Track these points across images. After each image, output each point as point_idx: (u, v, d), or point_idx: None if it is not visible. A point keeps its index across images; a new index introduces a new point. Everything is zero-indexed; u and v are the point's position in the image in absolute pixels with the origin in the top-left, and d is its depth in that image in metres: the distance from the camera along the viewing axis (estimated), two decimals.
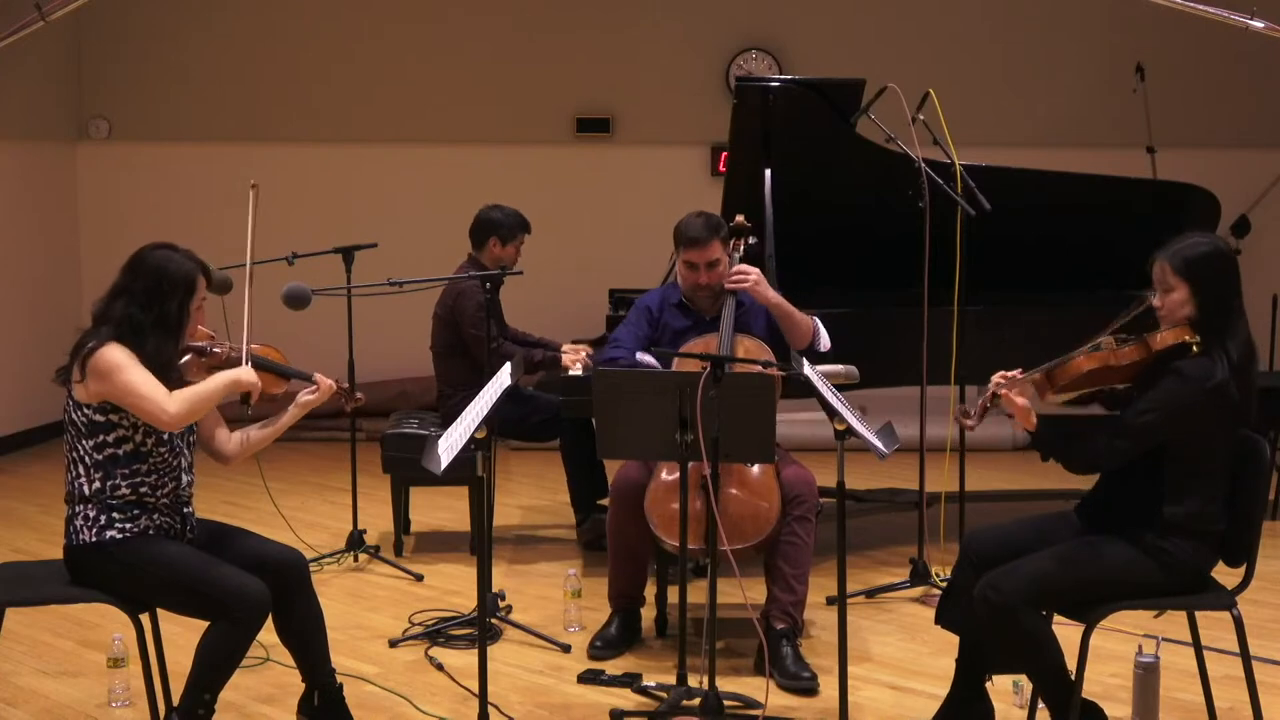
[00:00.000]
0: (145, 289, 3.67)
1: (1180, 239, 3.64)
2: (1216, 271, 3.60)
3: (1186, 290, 3.56)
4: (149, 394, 3.55)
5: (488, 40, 8.78)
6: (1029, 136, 8.51)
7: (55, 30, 7.03)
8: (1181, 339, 3.54)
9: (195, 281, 3.73)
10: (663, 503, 4.48)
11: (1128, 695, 4.10)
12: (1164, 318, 3.62)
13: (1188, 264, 3.57)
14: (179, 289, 3.69)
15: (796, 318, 4.81)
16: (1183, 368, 3.51)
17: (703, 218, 4.83)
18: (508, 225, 5.92)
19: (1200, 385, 3.48)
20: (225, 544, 3.78)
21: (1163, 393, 3.50)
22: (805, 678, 4.33)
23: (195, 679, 3.59)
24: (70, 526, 3.66)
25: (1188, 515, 3.53)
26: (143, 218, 8.64)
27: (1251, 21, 5.73)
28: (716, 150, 8.56)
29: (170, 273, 3.69)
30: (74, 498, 3.66)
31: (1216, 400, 3.49)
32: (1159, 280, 3.62)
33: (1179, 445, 3.53)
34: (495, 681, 4.25)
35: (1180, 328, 3.55)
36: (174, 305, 3.68)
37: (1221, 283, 3.60)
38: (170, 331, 3.69)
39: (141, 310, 3.65)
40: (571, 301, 7.64)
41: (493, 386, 3.89)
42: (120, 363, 3.56)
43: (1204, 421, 3.51)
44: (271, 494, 5.65)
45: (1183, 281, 3.57)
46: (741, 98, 5.68)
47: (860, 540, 5.99)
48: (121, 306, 3.66)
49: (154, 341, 3.64)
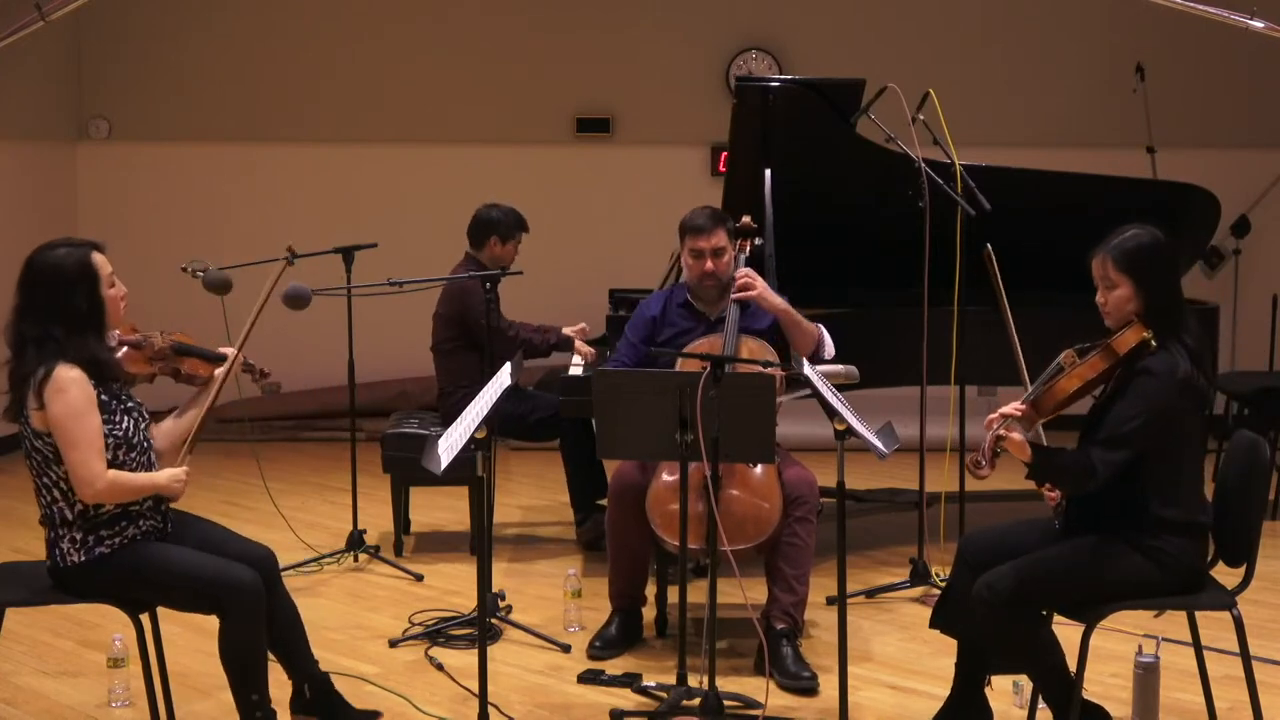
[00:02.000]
0: (44, 297, 3.49)
1: (1117, 233, 3.62)
2: (1158, 263, 3.59)
3: (1130, 285, 3.55)
4: (87, 458, 3.44)
5: (488, 40, 8.78)
6: (1029, 136, 8.51)
7: (55, 30, 7.03)
8: (1141, 337, 3.52)
9: (90, 265, 3.52)
10: (665, 503, 4.48)
11: (1128, 695, 4.10)
12: (1108, 314, 3.61)
13: (1129, 257, 3.56)
14: (78, 281, 3.50)
15: (803, 325, 4.82)
16: (1150, 366, 3.50)
17: (707, 209, 4.89)
18: (506, 224, 5.94)
19: (1171, 380, 3.47)
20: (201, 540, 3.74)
21: (1139, 396, 3.49)
22: (805, 677, 4.33)
23: (236, 687, 3.60)
24: (54, 550, 3.59)
25: (1173, 509, 3.53)
26: (143, 218, 8.66)
27: (1251, 21, 5.73)
28: (716, 150, 8.55)
29: (62, 269, 3.50)
30: (54, 522, 3.57)
31: (1186, 393, 3.50)
32: (1100, 276, 3.61)
33: (1159, 443, 3.52)
34: (495, 681, 4.25)
35: (1135, 326, 3.54)
36: (80, 299, 3.50)
37: (1164, 273, 3.59)
38: (86, 327, 3.51)
39: (50, 322, 3.47)
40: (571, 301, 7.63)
41: (493, 386, 3.89)
42: (75, 410, 3.42)
43: (1178, 416, 3.51)
44: (271, 494, 5.65)
45: (1125, 276, 3.56)
46: (741, 98, 5.69)
47: (860, 540, 5.99)
48: (30, 327, 3.49)
49: (76, 348, 3.48)
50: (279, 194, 8.74)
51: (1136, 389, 3.50)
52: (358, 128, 8.81)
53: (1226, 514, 3.66)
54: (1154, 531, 3.53)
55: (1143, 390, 3.49)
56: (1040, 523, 3.82)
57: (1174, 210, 5.96)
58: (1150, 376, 3.49)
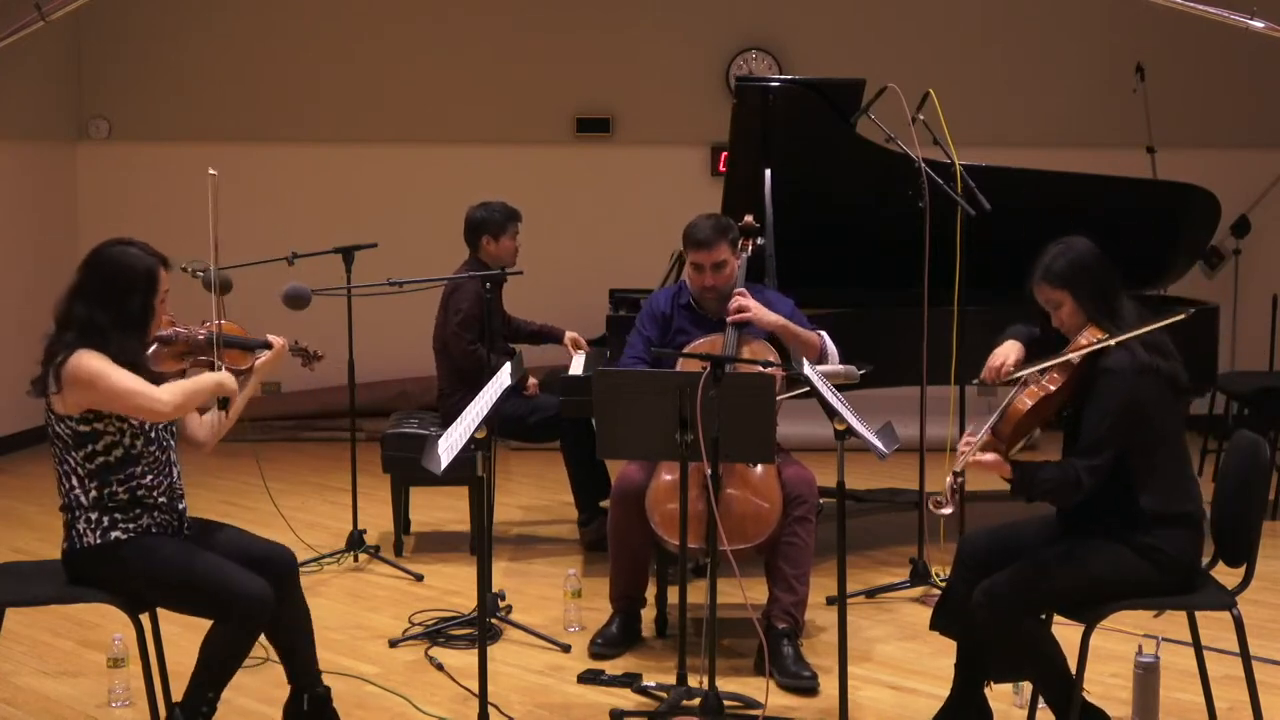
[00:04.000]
0: (103, 289, 3.57)
1: (1041, 257, 3.70)
2: (1086, 268, 3.65)
3: (1070, 298, 3.63)
4: (140, 389, 3.49)
5: (488, 40, 8.78)
6: (1029, 136, 8.51)
7: (55, 30, 7.03)
8: (1094, 339, 3.56)
9: (156, 275, 3.62)
10: (665, 502, 4.48)
11: (1128, 695, 4.10)
12: (1068, 331, 3.67)
13: (1058, 275, 3.65)
14: (139, 285, 3.59)
15: (802, 336, 4.81)
16: (1108, 364, 3.54)
17: (711, 220, 4.84)
18: (494, 220, 5.91)
19: (1131, 373, 3.50)
20: (217, 540, 3.75)
21: (1104, 397, 3.52)
22: (806, 677, 4.33)
23: (199, 677, 3.58)
24: (71, 531, 3.62)
25: (1162, 501, 3.54)
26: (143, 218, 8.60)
27: (1251, 21, 5.73)
28: (716, 150, 8.55)
29: (129, 269, 3.58)
30: (72, 506, 3.62)
31: (1149, 379, 3.52)
32: (1046, 301, 3.69)
33: (1137, 437, 3.53)
34: (495, 681, 4.25)
35: (1088, 329, 3.59)
36: (136, 302, 3.58)
37: (1096, 276, 3.65)
38: (133, 330, 3.59)
39: (102, 311, 3.55)
40: (571, 301, 7.63)
41: (493, 386, 3.89)
42: (99, 370, 3.48)
43: (1148, 406, 3.53)
44: (271, 494, 5.65)
45: (1063, 291, 3.64)
46: (741, 98, 5.69)
47: (860, 540, 5.99)
48: (81, 309, 3.56)
49: (117, 342, 3.54)
50: (279, 194, 8.74)
51: (1101, 390, 3.54)
52: (358, 128, 8.81)
53: (1226, 514, 3.67)
54: (1147, 527, 3.54)
55: (1109, 388, 3.52)
56: (1038, 523, 3.82)
57: (1174, 210, 5.97)
58: (1111, 374, 3.53)
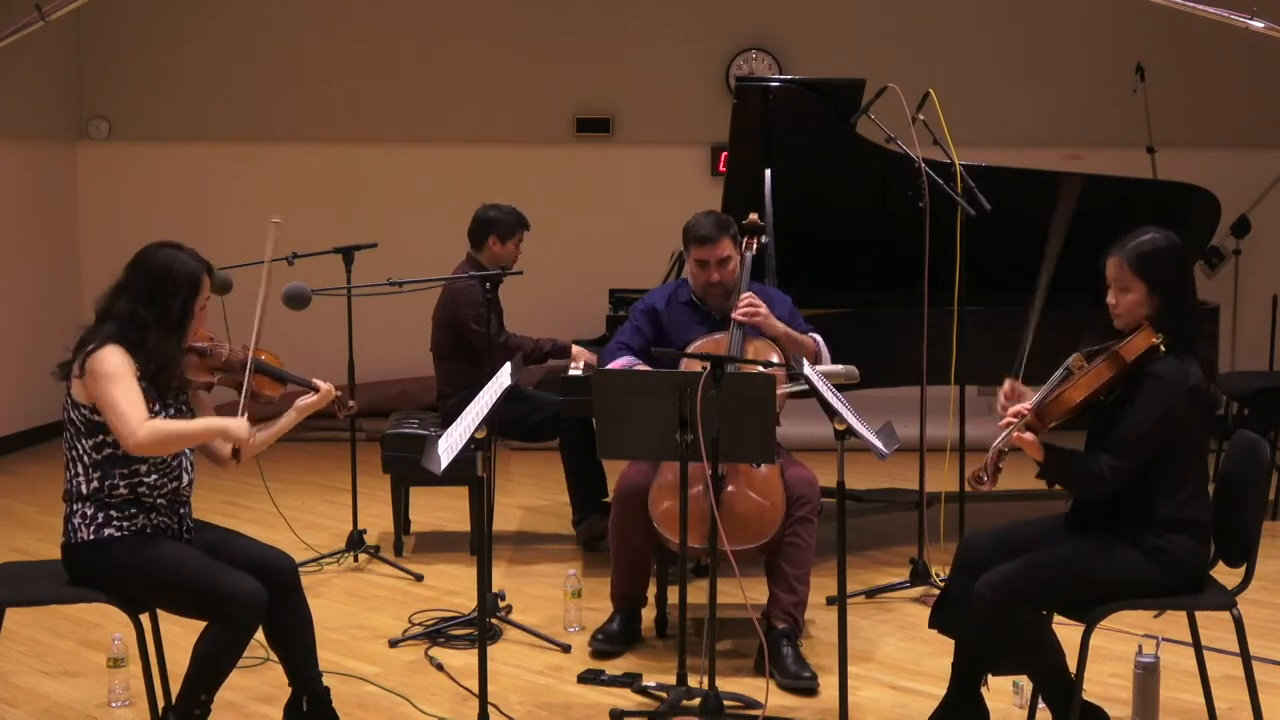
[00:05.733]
0: (149, 287, 3.67)
1: (1133, 235, 3.59)
2: (1173, 268, 3.56)
3: (1144, 289, 3.52)
4: (125, 411, 3.52)
5: (488, 40, 8.78)
6: (1029, 136, 8.51)
7: (55, 30, 7.03)
8: (1150, 342, 3.49)
9: (200, 281, 3.73)
10: (669, 499, 4.48)
11: (1128, 695, 4.10)
12: (1119, 316, 3.57)
13: (1144, 261, 3.53)
14: (183, 288, 3.69)
15: (799, 342, 4.84)
16: (1159, 371, 3.47)
17: (712, 216, 4.86)
18: (506, 223, 5.93)
19: (1180, 388, 3.46)
20: (218, 545, 3.77)
21: (1147, 402, 3.47)
22: (805, 677, 4.33)
23: (192, 680, 3.59)
24: (68, 524, 3.65)
25: (1179, 508, 3.52)
26: (143, 218, 8.64)
27: (1251, 21, 5.73)
28: (716, 150, 8.56)
29: (175, 271, 3.69)
30: (72, 496, 3.65)
31: (1195, 402, 3.48)
32: (1115, 278, 3.57)
33: (1166, 447, 3.52)
34: (495, 681, 4.25)
35: (1145, 330, 3.51)
36: (177, 304, 3.68)
37: (1179, 279, 3.57)
38: (172, 329, 3.67)
39: (144, 308, 3.64)
40: (571, 301, 7.64)
41: (492, 386, 3.89)
42: (111, 371, 3.54)
43: (1185, 422, 3.50)
44: (271, 494, 5.65)
45: (1139, 280, 3.52)
46: (741, 98, 5.68)
47: (860, 540, 5.99)
48: (124, 304, 3.66)
49: (155, 339, 3.63)
50: (279, 194, 8.73)
51: (1145, 394, 3.47)
52: (358, 128, 8.81)
53: (1226, 514, 3.66)
54: (1158, 530, 3.53)
55: (1152, 395, 3.46)
56: (1041, 523, 3.82)
57: (1174, 210, 5.96)
58: (1159, 380, 3.47)
